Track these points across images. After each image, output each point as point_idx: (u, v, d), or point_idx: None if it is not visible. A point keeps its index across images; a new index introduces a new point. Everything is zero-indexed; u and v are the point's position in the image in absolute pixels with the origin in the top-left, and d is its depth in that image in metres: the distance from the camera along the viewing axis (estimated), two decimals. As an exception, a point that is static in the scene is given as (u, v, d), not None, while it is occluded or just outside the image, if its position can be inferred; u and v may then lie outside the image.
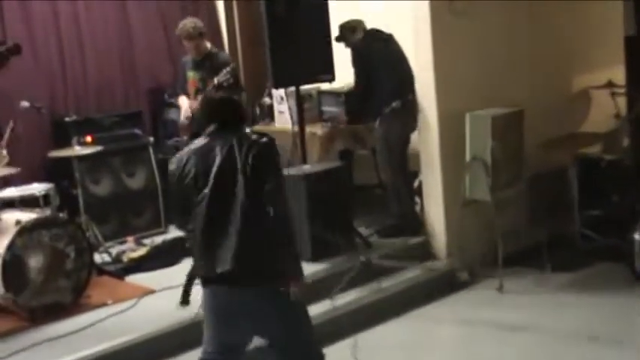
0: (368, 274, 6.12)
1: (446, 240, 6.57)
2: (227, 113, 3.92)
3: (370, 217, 7.02)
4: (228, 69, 6.52)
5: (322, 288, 5.74)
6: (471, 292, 6.36)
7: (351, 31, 6.74)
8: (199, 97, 6.64)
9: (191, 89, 7.00)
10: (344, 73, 6.73)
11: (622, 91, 7.55)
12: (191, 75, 7.01)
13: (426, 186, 6.69)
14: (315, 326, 4.68)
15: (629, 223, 6.33)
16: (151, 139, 7.43)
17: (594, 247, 6.76)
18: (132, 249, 6.67)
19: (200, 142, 3.91)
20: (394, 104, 6.56)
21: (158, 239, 7.03)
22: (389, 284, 6.11)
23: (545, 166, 6.97)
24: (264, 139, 3.82)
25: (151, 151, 7.36)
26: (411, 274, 6.32)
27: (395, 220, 6.76)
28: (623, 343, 5.32)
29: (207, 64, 6.87)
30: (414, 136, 6.75)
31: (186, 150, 3.93)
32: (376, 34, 6.75)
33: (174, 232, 7.18)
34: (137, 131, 7.29)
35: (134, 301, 5.73)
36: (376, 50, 6.65)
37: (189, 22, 6.93)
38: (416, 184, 6.90)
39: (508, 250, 6.40)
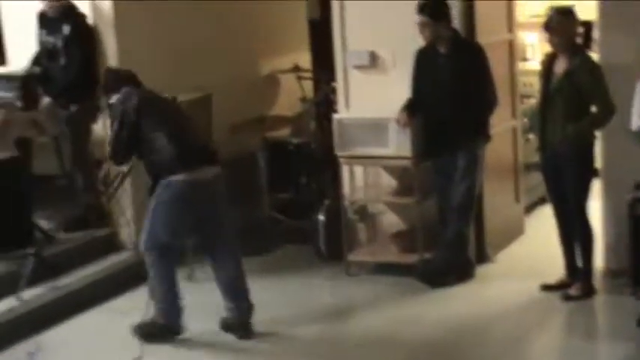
0: (50, 270, 5.76)
1: (134, 231, 6.33)
2: None
3: (53, 209, 6.62)
4: None
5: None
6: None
7: None
8: None
9: None
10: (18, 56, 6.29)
11: (308, 75, 7.74)
12: None
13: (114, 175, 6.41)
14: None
15: (314, 204, 6.50)
16: None
17: (283, 230, 6.89)
18: None
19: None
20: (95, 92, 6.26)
21: None
22: (72, 279, 5.82)
23: (237, 151, 6.96)
24: None
25: None
26: (97, 267, 6.09)
27: (80, 212, 6.41)
28: (307, 320, 5.46)
29: None
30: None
31: None
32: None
33: None
34: None
35: None
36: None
37: None
38: (101, 173, 6.59)
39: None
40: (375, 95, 6.11)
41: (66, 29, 6.21)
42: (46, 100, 6.24)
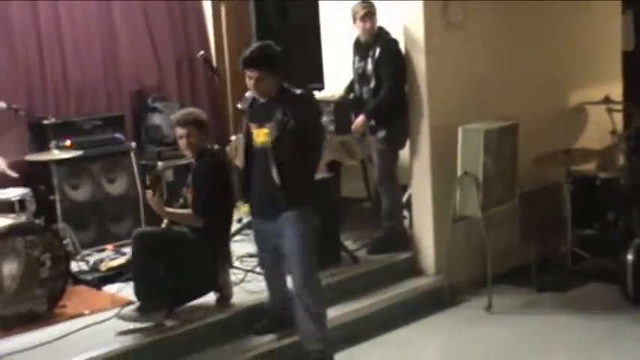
0: (354, 290, 5.96)
1: (434, 256, 6.40)
2: None
3: (358, 231, 6.84)
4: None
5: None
6: (459, 310, 6.21)
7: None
8: None
9: None
10: (332, 81, 6.59)
11: (619, 107, 7.42)
12: None
13: (416, 200, 6.52)
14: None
15: (622, 242, 6.20)
16: (133, 144, 7.19)
17: (586, 267, 6.63)
18: (111, 257, 6.46)
19: None
20: (404, 117, 6.42)
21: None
22: (374, 301, 5.94)
23: (539, 183, 6.82)
24: None
25: (133, 156, 7.11)
26: (398, 290, 6.15)
27: (383, 235, 6.56)
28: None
29: None
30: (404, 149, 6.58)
31: None
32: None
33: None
34: (119, 136, 7.07)
35: (111, 312, 5.52)
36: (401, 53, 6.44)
37: None
38: (405, 198, 6.73)
39: (497, 268, 6.27)
40: (698, 131, 5.75)
41: (375, 52, 6.31)
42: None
